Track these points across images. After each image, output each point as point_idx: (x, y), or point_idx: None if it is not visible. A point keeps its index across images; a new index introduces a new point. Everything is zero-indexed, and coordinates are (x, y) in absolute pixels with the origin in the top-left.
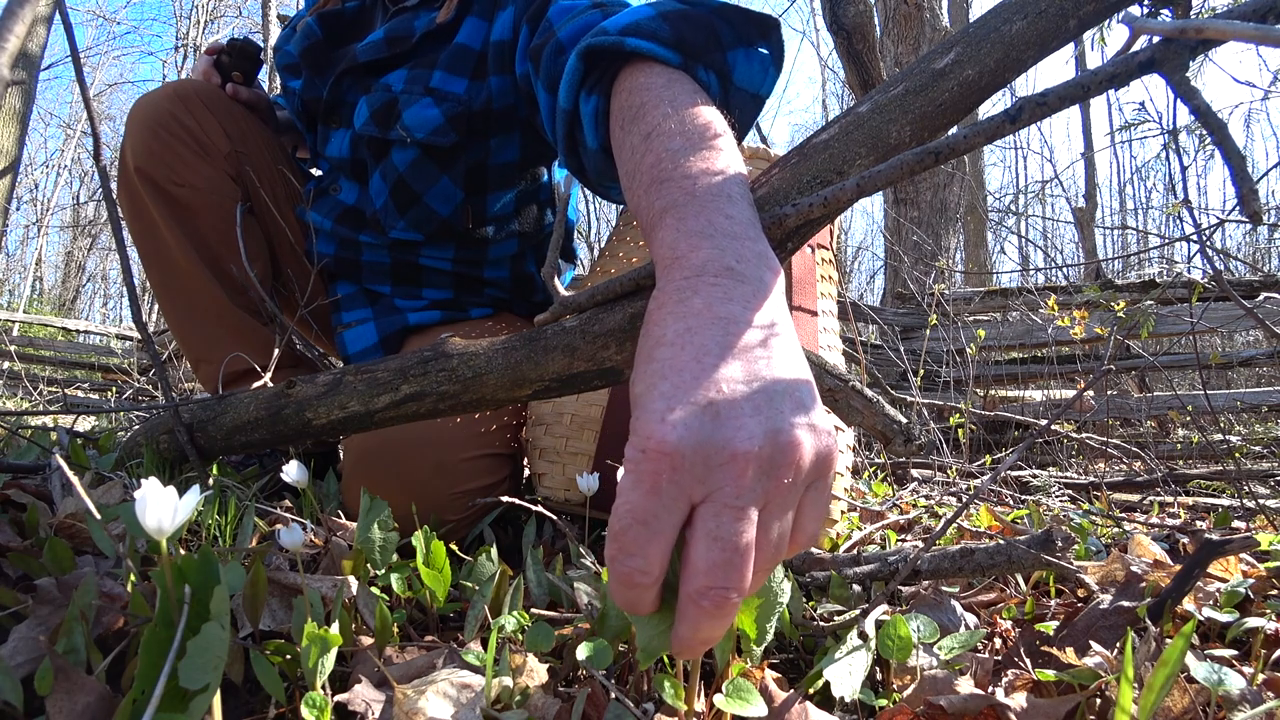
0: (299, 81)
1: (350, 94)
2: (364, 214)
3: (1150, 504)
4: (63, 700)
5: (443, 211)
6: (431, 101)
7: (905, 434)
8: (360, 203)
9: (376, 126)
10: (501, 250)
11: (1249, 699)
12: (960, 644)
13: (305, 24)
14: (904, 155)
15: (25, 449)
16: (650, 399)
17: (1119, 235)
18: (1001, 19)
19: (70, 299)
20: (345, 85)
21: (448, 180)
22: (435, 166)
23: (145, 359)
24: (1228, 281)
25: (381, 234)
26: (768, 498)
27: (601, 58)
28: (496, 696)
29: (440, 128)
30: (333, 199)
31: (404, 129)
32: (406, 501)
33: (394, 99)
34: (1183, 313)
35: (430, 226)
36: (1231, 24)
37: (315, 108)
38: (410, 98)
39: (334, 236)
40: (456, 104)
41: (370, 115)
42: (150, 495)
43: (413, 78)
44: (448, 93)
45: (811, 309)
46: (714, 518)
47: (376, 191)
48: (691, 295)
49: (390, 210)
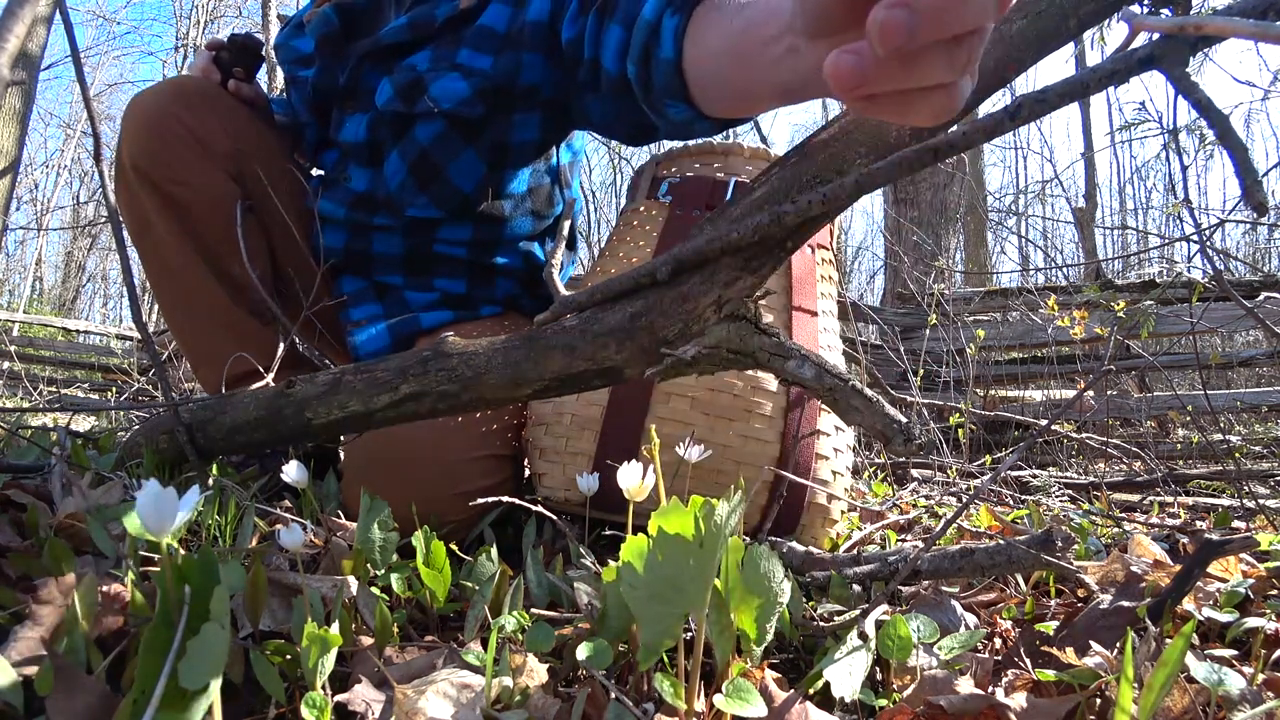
0: (310, 70)
1: (370, 78)
2: (377, 198)
3: (1150, 504)
4: (63, 700)
5: (464, 186)
6: (459, 75)
7: (905, 434)
8: (373, 187)
9: (401, 101)
10: (516, 229)
11: (1249, 699)
12: (960, 644)
13: (321, 13)
14: (903, 152)
15: (25, 449)
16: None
17: (1119, 235)
18: (1002, 18)
19: (70, 299)
20: (366, 69)
21: (472, 153)
22: (460, 139)
23: (145, 359)
24: (1228, 281)
25: (398, 215)
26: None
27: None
28: (496, 696)
29: (468, 99)
30: (344, 188)
31: (431, 100)
32: (406, 502)
33: (419, 77)
34: (1183, 313)
35: (451, 203)
36: (1231, 20)
37: (330, 94)
38: (437, 74)
39: (345, 225)
40: (483, 78)
41: (395, 92)
42: (150, 495)
43: (438, 56)
44: (474, 68)
45: (811, 309)
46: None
47: (393, 172)
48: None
49: (409, 187)
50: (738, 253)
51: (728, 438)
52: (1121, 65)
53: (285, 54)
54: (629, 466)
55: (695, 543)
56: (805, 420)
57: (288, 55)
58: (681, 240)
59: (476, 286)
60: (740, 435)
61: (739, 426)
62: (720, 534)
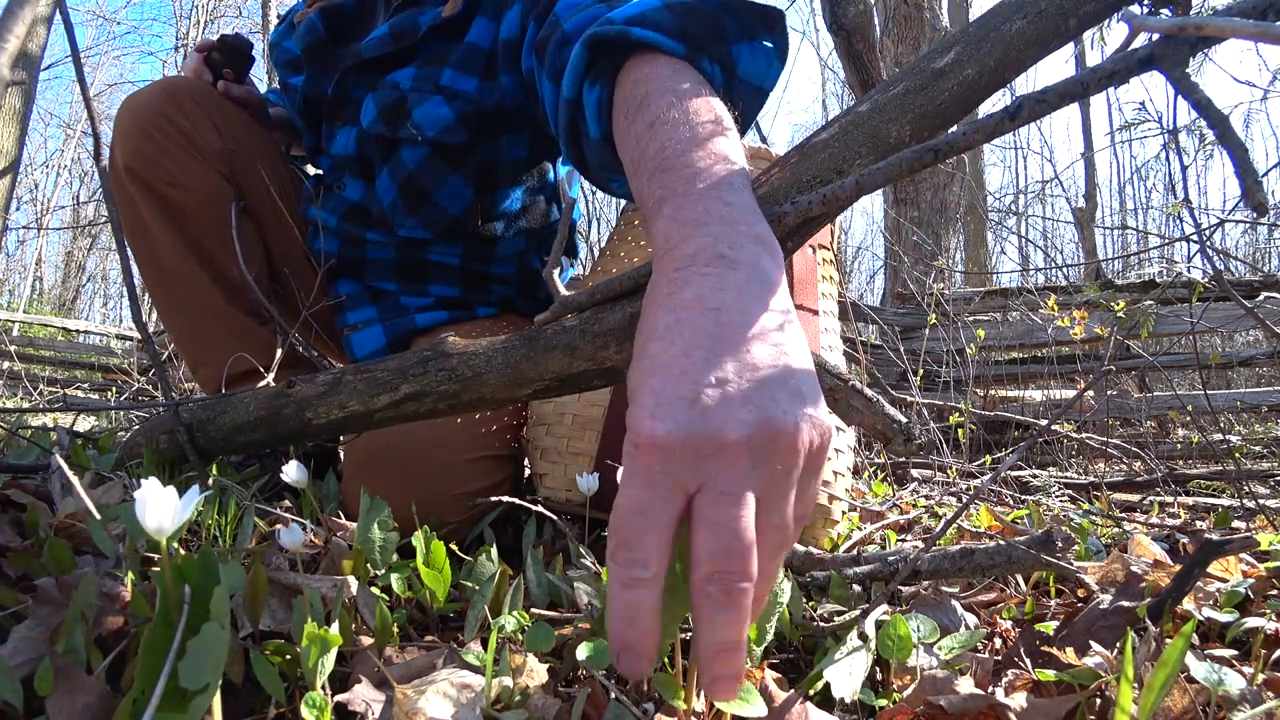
0: (300, 78)
1: (356, 91)
2: (370, 212)
3: (1150, 504)
4: (63, 700)
5: (453, 210)
6: (442, 100)
7: (905, 434)
8: (366, 200)
9: (385, 125)
10: (509, 248)
11: (1249, 699)
12: (960, 644)
13: (307, 19)
14: (903, 153)
15: (25, 449)
16: (642, 395)
17: (1119, 235)
18: (1001, 19)
19: (70, 299)
20: (351, 82)
21: (458, 179)
22: (446, 165)
23: (145, 359)
24: (1228, 281)
25: (389, 232)
26: (763, 485)
27: (606, 47)
28: (496, 696)
29: (451, 126)
30: (338, 196)
31: (414, 126)
32: (406, 502)
33: (403, 97)
34: (1183, 313)
35: (440, 225)
36: (1231, 21)
37: (319, 105)
38: (420, 96)
39: (338, 233)
40: (467, 103)
41: (378, 113)
42: (150, 495)
43: (422, 75)
44: (458, 91)
45: (812, 308)
46: (710, 506)
47: (384, 190)
48: (683, 286)
49: (399, 209)
50: None
51: None
52: (1121, 65)
53: (278, 55)
54: None
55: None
56: None
57: (280, 56)
58: None
59: (471, 291)
60: None
61: None
62: None
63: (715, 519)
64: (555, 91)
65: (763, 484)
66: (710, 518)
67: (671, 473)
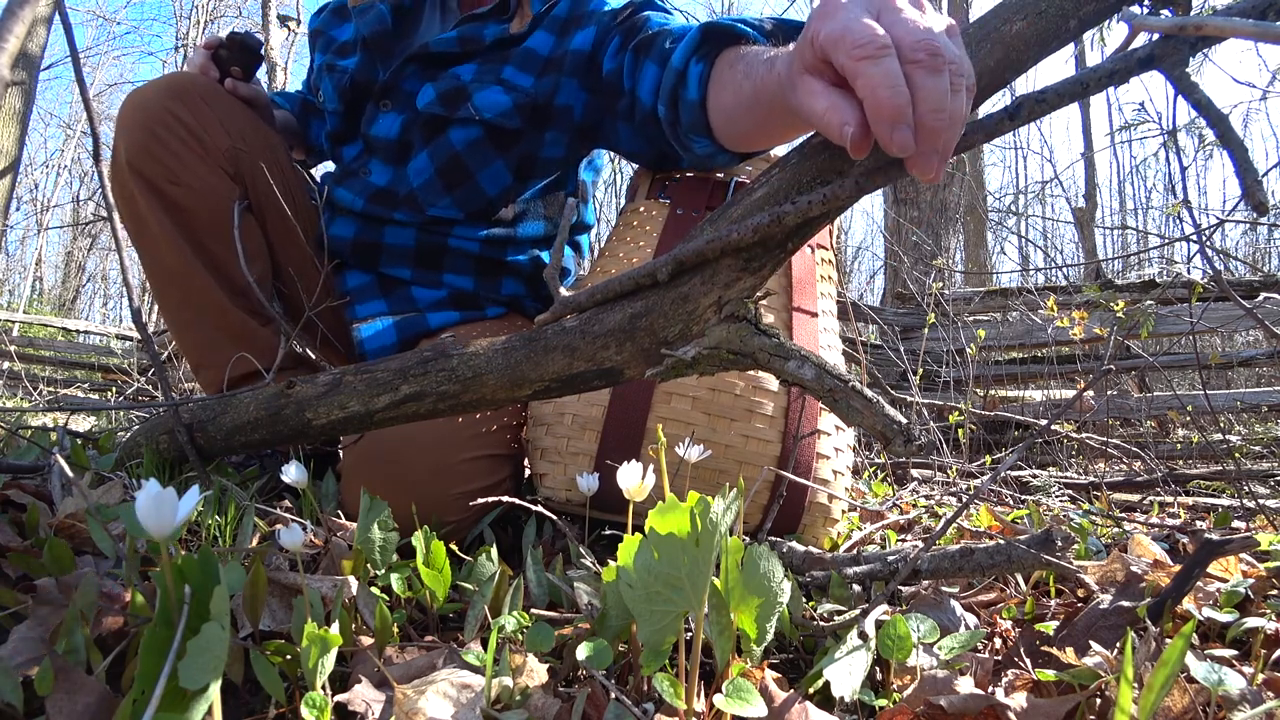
0: (351, 61)
1: (410, 81)
2: (397, 193)
3: (1150, 504)
4: (63, 700)
5: (490, 191)
6: (502, 90)
7: (905, 434)
8: (393, 184)
9: (443, 106)
10: (529, 230)
11: (1249, 699)
12: (960, 644)
13: (376, 10)
14: None
15: (25, 449)
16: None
17: (1119, 235)
18: (1001, 19)
19: (70, 299)
20: (409, 71)
21: (501, 163)
22: (493, 148)
23: (145, 359)
24: (1227, 281)
25: (418, 212)
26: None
27: (716, 34)
28: (496, 696)
29: (508, 111)
30: (362, 180)
31: (474, 108)
32: (406, 502)
33: (463, 86)
34: (1183, 313)
35: (474, 206)
36: (1231, 21)
37: (368, 88)
38: (481, 85)
39: (360, 216)
40: (523, 95)
41: (437, 97)
42: (150, 495)
43: (483, 70)
44: (516, 85)
45: (811, 309)
46: (891, 11)
47: (417, 171)
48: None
49: (434, 188)
50: (738, 253)
51: (729, 437)
52: (1121, 65)
53: (323, 41)
54: (629, 466)
55: (691, 541)
56: (806, 420)
57: (325, 43)
58: (681, 240)
59: (483, 284)
60: (741, 435)
61: (740, 426)
62: (715, 532)
63: (908, 19)
64: (659, 71)
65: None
66: (903, 19)
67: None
